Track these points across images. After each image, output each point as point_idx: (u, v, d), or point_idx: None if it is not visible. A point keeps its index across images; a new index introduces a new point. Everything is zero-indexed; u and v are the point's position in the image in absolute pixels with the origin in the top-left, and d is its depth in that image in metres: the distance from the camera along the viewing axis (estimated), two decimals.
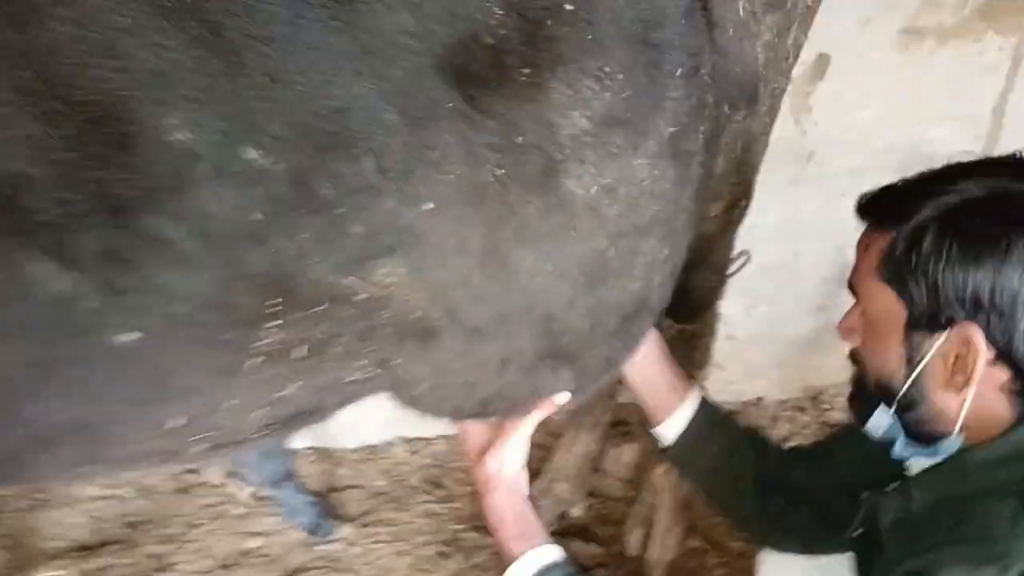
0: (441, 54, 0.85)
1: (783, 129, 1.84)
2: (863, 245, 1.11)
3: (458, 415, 1.28)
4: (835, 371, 2.47)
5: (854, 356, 1.19)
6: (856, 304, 1.14)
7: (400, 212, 0.91)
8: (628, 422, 2.44)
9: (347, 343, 1.04)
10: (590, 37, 0.91)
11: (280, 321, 0.93)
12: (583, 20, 0.89)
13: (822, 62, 2.14)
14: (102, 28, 0.71)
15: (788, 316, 2.52)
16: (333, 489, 2.52)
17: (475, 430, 1.42)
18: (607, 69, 0.93)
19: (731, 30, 1.14)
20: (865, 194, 1.17)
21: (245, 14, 0.75)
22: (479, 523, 2.41)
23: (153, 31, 0.72)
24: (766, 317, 2.52)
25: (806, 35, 1.36)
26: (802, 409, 2.79)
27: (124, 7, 0.71)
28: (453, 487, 2.44)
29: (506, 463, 1.37)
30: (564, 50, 0.89)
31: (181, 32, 0.74)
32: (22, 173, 0.74)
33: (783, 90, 1.42)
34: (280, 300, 0.90)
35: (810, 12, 1.34)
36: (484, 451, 1.40)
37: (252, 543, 2.36)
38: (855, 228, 1.18)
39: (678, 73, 1.01)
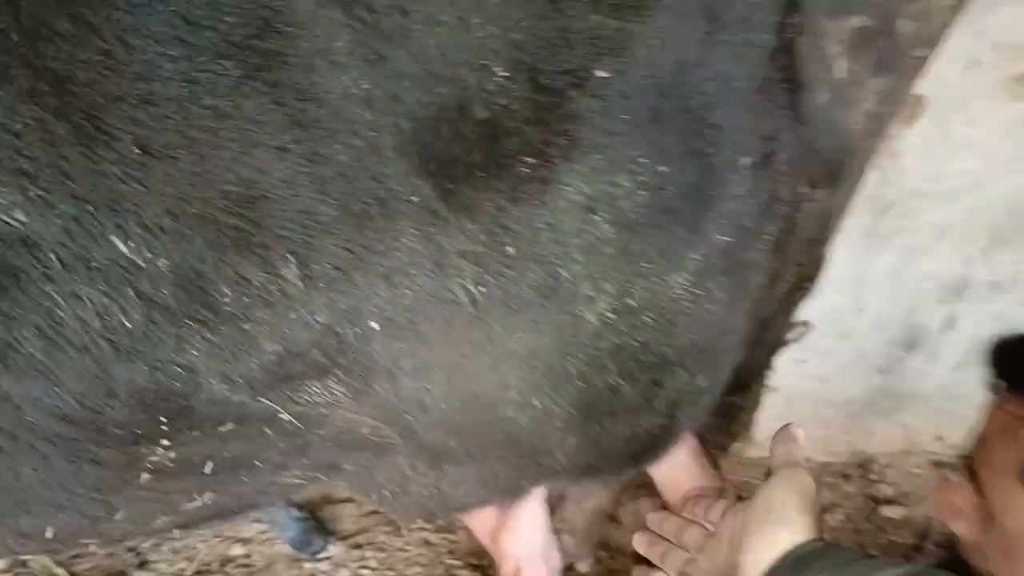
0: (408, 130, 0.60)
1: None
2: (996, 418, 0.80)
3: (432, 519, 1.05)
4: (888, 440, 2.18)
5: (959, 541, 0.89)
6: (971, 483, 0.83)
7: (334, 329, 0.67)
8: (650, 481, 2.15)
9: (272, 458, 0.81)
10: (625, 117, 0.63)
11: (169, 442, 0.70)
12: (617, 92, 0.62)
13: (915, 105, 1.78)
14: None
15: (842, 374, 2.19)
16: (329, 500, 2.34)
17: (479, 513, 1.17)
18: (643, 160, 0.65)
19: (825, 96, 0.83)
20: (1005, 340, 0.84)
21: (104, 65, 0.51)
22: (475, 561, 2.21)
23: None
24: (817, 372, 2.21)
25: (910, 90, 1.03)
26: (847, 477, 2.46)
27: None
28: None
29: (524, 543, 1.11)
30: (586, 133, 0.62)
31: (8, 84, 0.51)
32: None
33: (874, 153, 1.10)
34: (166, 420, 0.68)
35: (919, 64, 1.01)
36: (496, 532, 1.15)
37: (236, 550, 2.21)
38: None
39: (743, 164, 0.73)
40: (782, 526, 0.77)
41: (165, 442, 0.72)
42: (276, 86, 0.56)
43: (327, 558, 2.22)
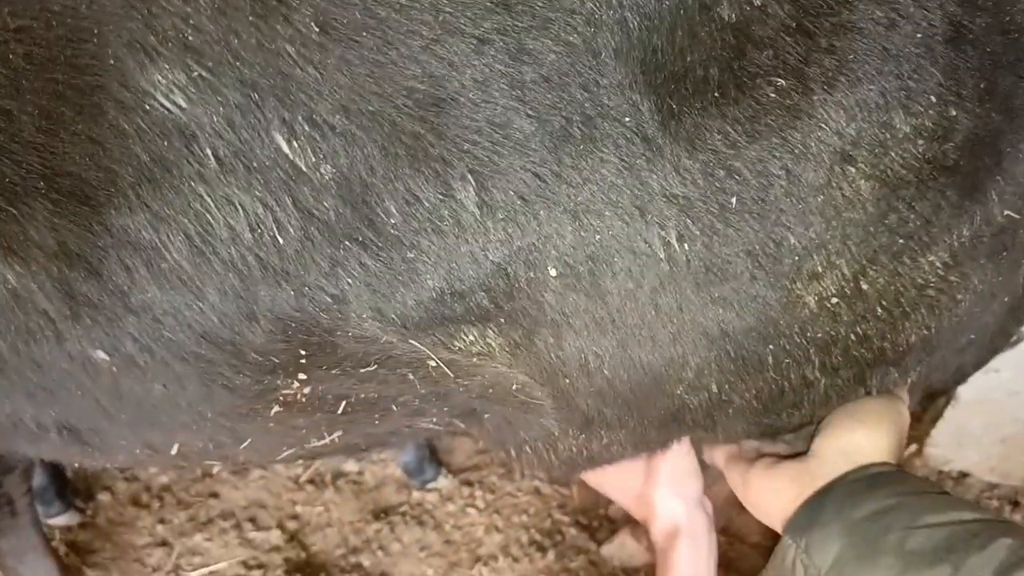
0: (636, 28, 0.48)
1: None
2: None
3: (572, 475, 0.95)
4: None
5: None
6: None
7: (505, 270, 0.57)
8: None
9: (410, 403, 0.73)
10: (917, 34, 0.49)
11: (305, 376, 0.63)
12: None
13: None
14: None
15: None
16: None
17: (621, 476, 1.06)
18: (931, 97, 0.51)
19: None
20: None
21: None
22: (584, 520, 2.13)
23: None
24: (1003, 382, 1.96)
25: None
26: (1016, 504, 2.21)
27: None
28: (567, 469, 2.14)
29: (679, 493, 1.01)
30: (862, 53, 0.49)
31: None
32: None
33: None
34: (306, 353, 0.60)
35: None
36: (644, 490, 1.04)
37: (350, 466, 2.19)
38: None
39: None
40: (868, 433, 0.72)
41: (302, 376, 0.65)
42: None
43: (436, 489, 2.19)
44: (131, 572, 1.68)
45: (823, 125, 0.50)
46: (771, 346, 0.63)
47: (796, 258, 0.56)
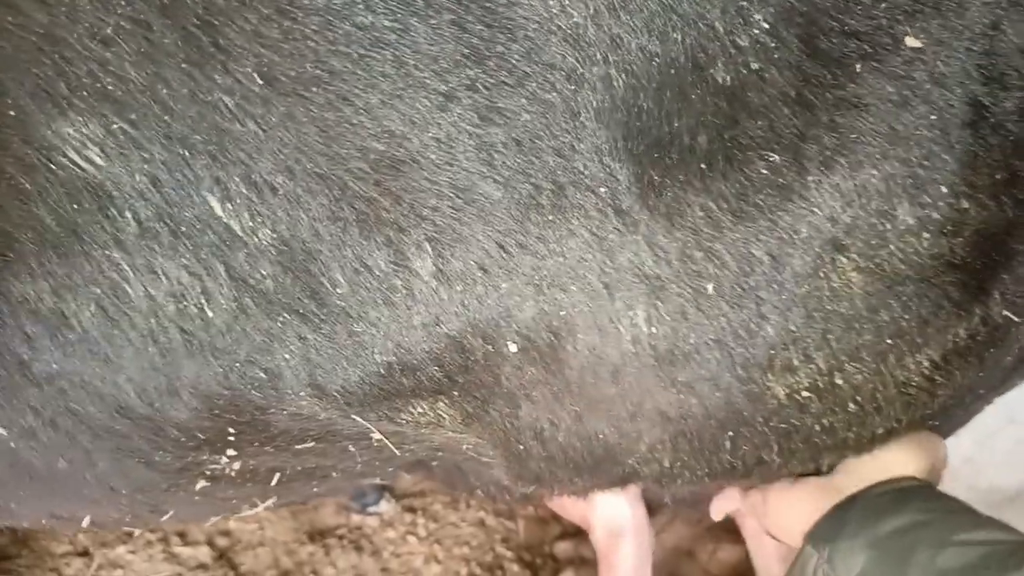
0: (621, 88, 0.45)
1: None
2: None
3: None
4: None
5: None
6: None
7: (460, 343, 0.52)
8: (735, 527, 1.99)
9: (351, 469, 0.68)
10: (932, 116, 0.46)
11: (235, 452, 0.56)
12: (928, 73, 0.46)
13: None
14: None
15: None
16: None
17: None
18: (942, 187, 0.48)
19: None
20: None
21: None
22: (528, 557, 2.07)
23: None
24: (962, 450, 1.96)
25: None
26: None
27: None
28: (516, 505, 2.08)
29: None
30: (866, 132, 0.47)
31: None
32: None
33: None
34: (235, 431, 0.54)
35: None
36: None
37: None
38: None
39: None
40: (900, 450, 0.69)
41: (231, 452, 0.58)
42: (461, 2, 0.41)
43: (377, 514, 2.10)
44: None
45: (816, 209, 0.46)
46: (730, 432, 0.59)
47: (770, 350, 0.52)
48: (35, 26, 0.36)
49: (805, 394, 0.54)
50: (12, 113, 0.38)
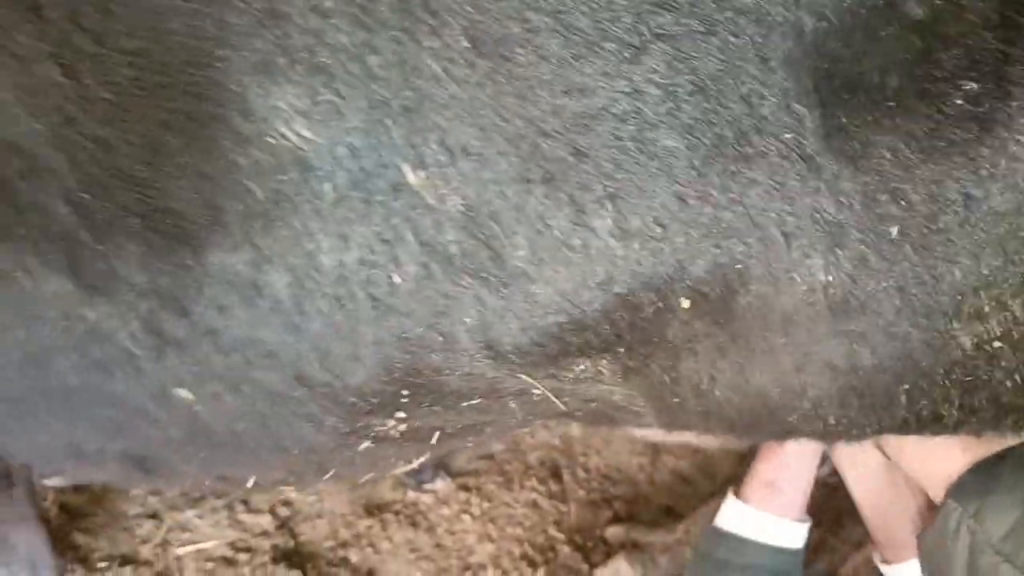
0: (810, 32, 0.43)
1: None
2: None
3: None
4: None
5: None
6: None
7: (632, 301, 0.52)
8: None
9: (506, 423, 0.69)
10: None
11: (404, 414, 0.58)
12: None
13: None
14: None
15: None
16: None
17: None
18: None
19: None
20: None
21: None
22: (580, 540, 2.09)
23: None
24: None
25: None
26: None
27: None
28: (571, 486, 2.09)
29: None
30: None
31: None
32: (31, 151, 0.41)
33: None
34: (408, 393, 0.55)
35: None
36: None
37: None
38: None
39: None
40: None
41: (400, 415, 0.60)
42: None
43: (432, 491, 2.14)
44: (119, 541, 1.63)
45: (1021, 137, 0.44)
46: (906, 385, 0.57)
47: (958, 296, 0.50)
48: (259, 2, 0.37)
49: (996, 344, 0.52)
50: (234, 88, 0.39)
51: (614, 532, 1.81)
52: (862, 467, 0.96)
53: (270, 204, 0.43)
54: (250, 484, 0.70)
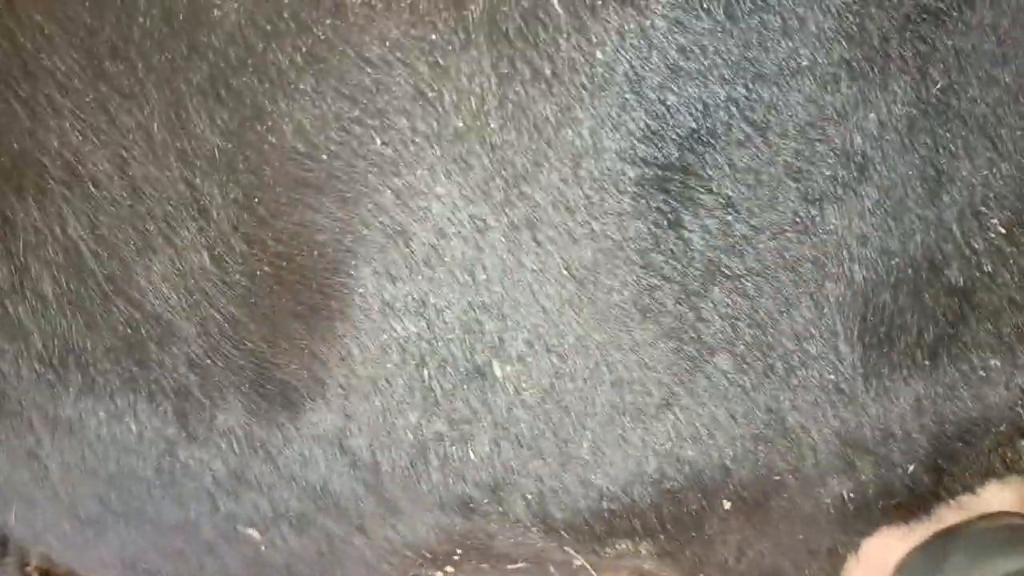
0: (861, 283, 0.50)
1: None
2: None
3: None
4: None
5: None
6: None
7: (676, 497, 0.56)
8: None
9: None
10: None
11: (452, 569, 0.61)
12: None
13: None
14: None
15: None
16: None
17: None
18: None
19: None
20: None
21: None
22: None
23: None
24: None
25: None
26: None
27: None
28: None
29: None
30: None
31: None
32: (168, 320, 0.47)
33: None
34: (461, 552, 0.59)
35: None
36: None
37: None
38: None
39: None
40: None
41: (449, 569, 0.63)
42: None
43: None
44: None
45: (1016, 405, 0.50)
46: None
47: None
48: (392, 224, 0.44)
49: None
50: (360, 291, 0.45)
51: None
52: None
53: (370, 383, 0.48)
54: None
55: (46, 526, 0.64)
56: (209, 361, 0.49)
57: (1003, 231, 0.48)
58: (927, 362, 0.50)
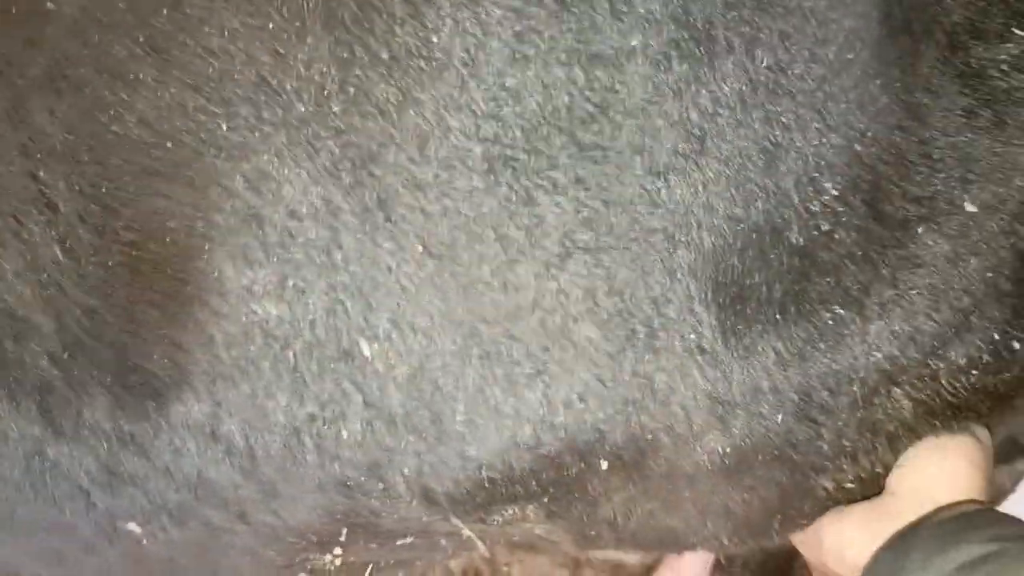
0: (709, 249, 0.52)
1: None
2: None
3: None
4: None
5: None
6: None
7: (555, 461, 0.58)
8: None
9: (436, 557, 0.72)
10: (986, 274, 0.54)
11: (340, 551, 0.62)
12: (979, 234, 0.53)
13: None
14: None
15: None
16: None
17: None
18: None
19: None
20: None
21: None
22: None
23: None
24: None
25: None
26: None
27: None
28: None
29: None
30: (920, 285, 0.55)
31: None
32: (24, 316, 0.46)
33: None
34: (347, 532, 0.60)
35: None
36: None
37: None
38: None
39: None
40: (954, 467, 0.63)
41: (337, 551, 0.64)
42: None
43: None
44: None
45: (874, 352, 0.54)
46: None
47: (826, 462, 0.59)
48: (244, 208, 0.44)
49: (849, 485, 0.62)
50: (214, 274, 0.45)
51: None
52: None
53: (235, 368, 0.48)
54: None
55: None
56: (69, 355, 0.48)
57: (836, 194, 0.51)
58: (778, 316, 0.53)
